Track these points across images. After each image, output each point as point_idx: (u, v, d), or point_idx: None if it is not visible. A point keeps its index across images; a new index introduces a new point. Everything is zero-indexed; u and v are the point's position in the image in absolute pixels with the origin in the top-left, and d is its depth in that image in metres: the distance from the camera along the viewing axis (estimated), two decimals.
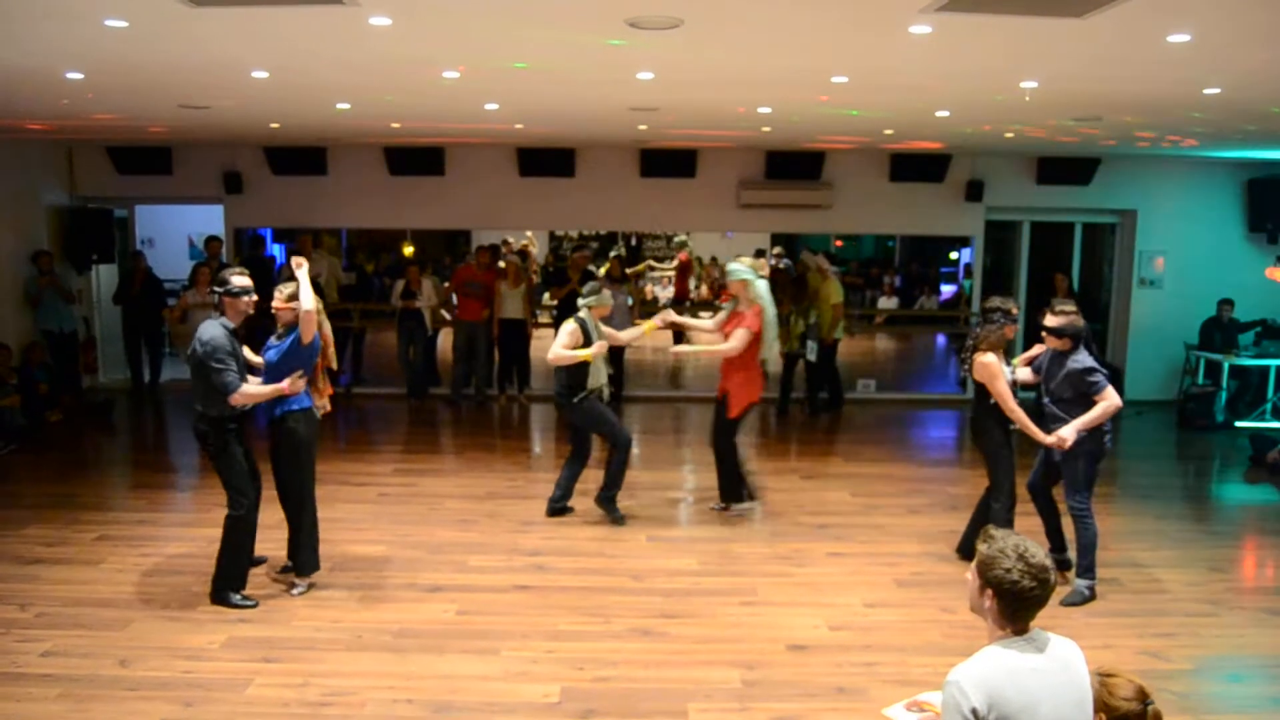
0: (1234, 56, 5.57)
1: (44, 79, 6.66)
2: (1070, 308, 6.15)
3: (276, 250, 14.29)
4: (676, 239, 14.15)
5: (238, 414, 5.75)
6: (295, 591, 5.94)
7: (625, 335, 7.99)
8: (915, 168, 12.34)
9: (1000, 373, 6.20)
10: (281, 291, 5.87)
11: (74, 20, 4.98)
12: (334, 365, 6.18)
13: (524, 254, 14.43)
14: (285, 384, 5.71)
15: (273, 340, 5.92)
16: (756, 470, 8.10)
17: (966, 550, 6.42)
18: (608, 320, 7.63)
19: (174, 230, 14.49)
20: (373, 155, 12.24)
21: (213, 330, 5.61)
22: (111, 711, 4.53)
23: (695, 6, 4.71)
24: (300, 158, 12.17)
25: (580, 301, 7.45)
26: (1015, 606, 2.69)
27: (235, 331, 5.74)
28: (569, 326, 7.28)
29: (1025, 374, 6.55)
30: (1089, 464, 6.05)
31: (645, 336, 7.88)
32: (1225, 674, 5.22)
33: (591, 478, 7.64)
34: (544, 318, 12.90)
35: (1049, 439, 6.03)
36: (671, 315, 7.89)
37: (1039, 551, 2.71)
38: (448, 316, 12.22)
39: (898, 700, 4.37)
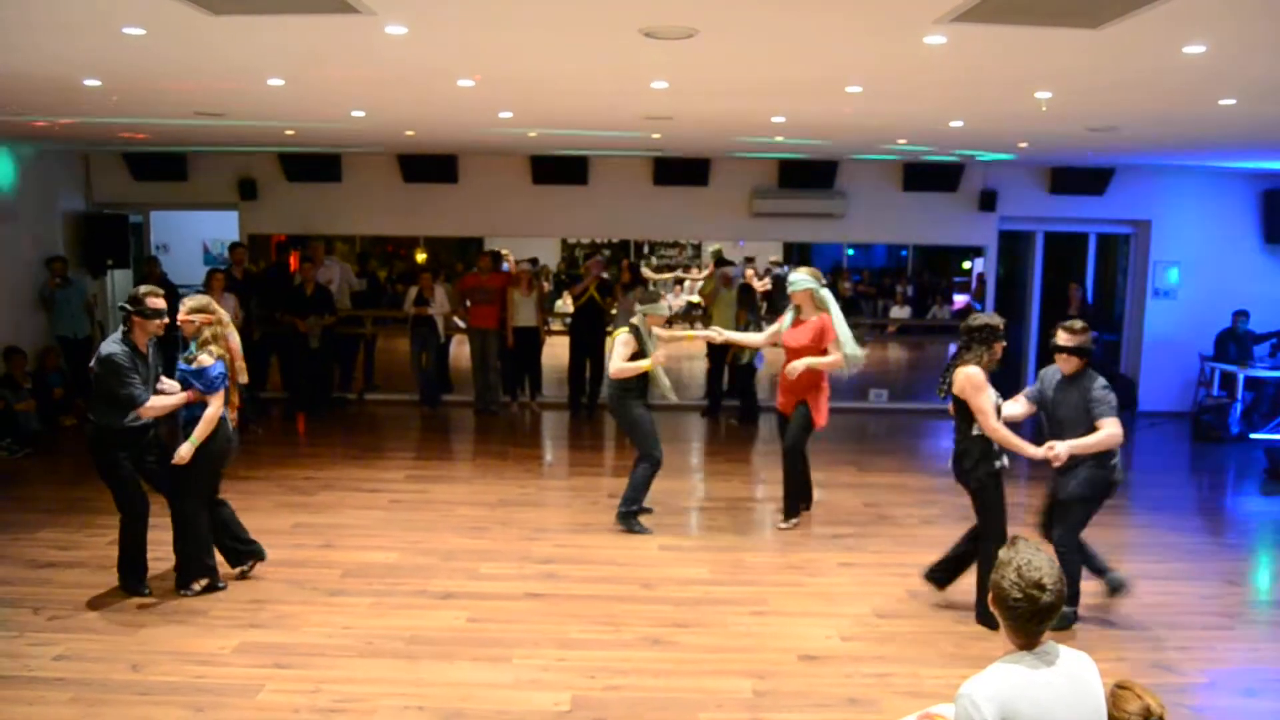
0: (1250, 68, 5.55)
1: (62, 86, 6.71)
2: (1080, 325, 5.73)
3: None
4: (710, 248, 14.15)
5: (128, 426, 5.80)
6: (185, 592, 6.01)
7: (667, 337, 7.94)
8: (928, 177, 12.33)
9: (985, 385, 5.60)
10: (185, 304, 5.96)
11: (92, 28, 5.02)
12: (243, 379, 6.22)
13: (537, 263, 14.44)
14: (188, 394, 5.86)
15: (181, 362, 6.00)
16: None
17: (935, 577, 6.20)
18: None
19: (189, 236, 14.57)
20: (387, 162, 12.29)
21: (110, 348, 5.68)
22: (123, 716, 4.54)
23: (710, 16, 4.71)
24: (315, 164, 12.23)
25: (636, 308, 7.47)
26: (1008, 618, 2.69)
27: (139, 349, 5.82)
28: (624, 337, 7.29)
29: (1018, 408, 5.99)
30: (1087, 505, 5.71)
31: (684, 342, 7.87)
32: (1240, 688, 5.17)
33: (599, 486, 7.64)
34: (556, 325, 12.90)
35: (1038, 451, 5.57)
36: (722, 334, 8.00)
37: (1043, 567, 2.68)
38: (461, 324, 12.24)
39: (910, 712, 4.33)
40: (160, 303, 5.86)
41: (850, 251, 18.14)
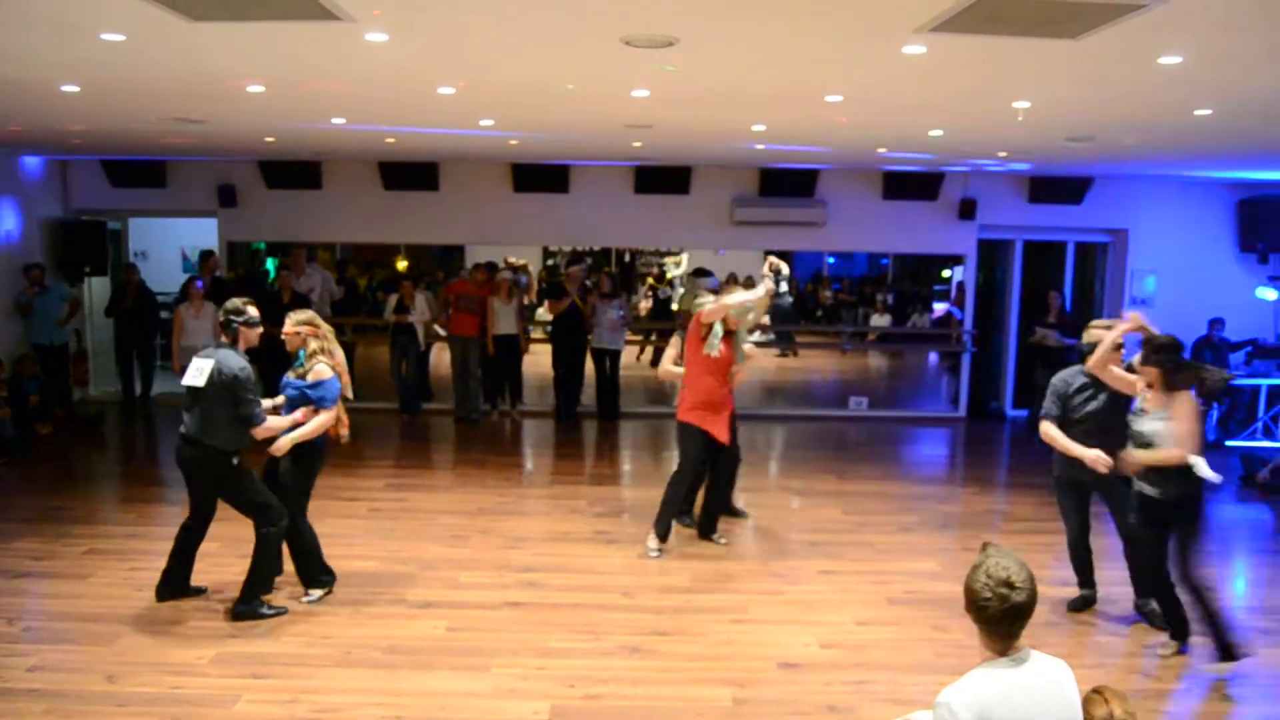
0: (1226, 78, 5.60)
1: (39, 92, 6.66)
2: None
3: (270, 264, 14.28)
4: (682, 269, 14.24)
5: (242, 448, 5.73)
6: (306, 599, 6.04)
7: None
8: (908, 186, 12.38)
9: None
10: (292, 317, 5.92)
11: (70, 33, 4.99)
12: (349, 394, 6.10)
13: (517, 269, 14.43)
14: (299, 414, 5.76)
15: (291, 377, 5.92)
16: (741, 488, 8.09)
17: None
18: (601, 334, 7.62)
19: (167, 243, 14.47)
20: (367, 169, 12.25)
21: (238, 361, 5.59)
22: None
23: (690, 25, 4.73)
24: (295, 171, 12.17)
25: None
26: (981, 620, 2.70)
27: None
28: (676, 339, 7.34)
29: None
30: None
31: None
32: (1217, 695, 5.21)
33: (579, 495, 7.61)
34: (537, 333, 12.88)
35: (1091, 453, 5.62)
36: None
37: (1011, 567, 2.68)
38: (441, 332, 12.21)
39: (889, 719, 4.36)
40: (257, 311, 5.85)
41: (831, 260, 18.21)
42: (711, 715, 4.79)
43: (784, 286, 7.23)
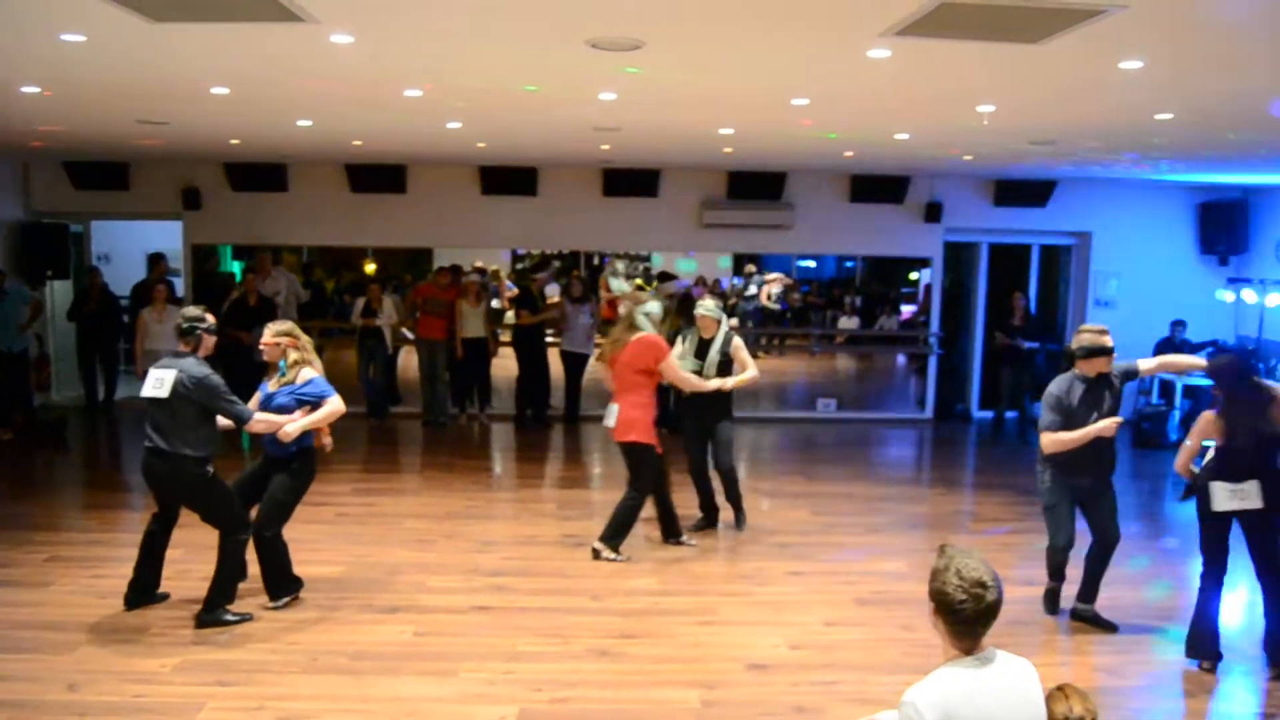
0: (1185, 83, 5.69)
1: None
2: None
3: (235, 267, 14.15)
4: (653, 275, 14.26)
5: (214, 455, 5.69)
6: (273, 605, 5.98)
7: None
8: (875, 189, 12.46)
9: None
10: (270, 328, 5.95)
11: (29, 34, 4.93)
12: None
13: (485, 273, 14.39)
14: (299, 414, 5.78)
15: (272, 387, 5.91)
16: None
17: None
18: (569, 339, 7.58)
19: (131, 246, 14.30)
20: (334, 172, 12.17)
21: (199, 369, 5.54)
22: None
23: (656, 29, 4.74)
24: (260, 174, 12.07)
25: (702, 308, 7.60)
26: (951, 621, 2.71)
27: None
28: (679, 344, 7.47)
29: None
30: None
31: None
32: (1177, 691, 5.27)
33: (547, 498, 7.60)
34: (505, 336, 12.86)
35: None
36: (728, 383, 7.49)
37: (980, 568, 2.71)
38: (409, 335, 12.16)
39: (856, 719, 4.38)
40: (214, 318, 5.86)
41: (800, 263, 18.27)
42: (680, 717, 4.78)
43: (752, 290, 7.30)
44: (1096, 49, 4.83)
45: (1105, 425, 5.71)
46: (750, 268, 16.96)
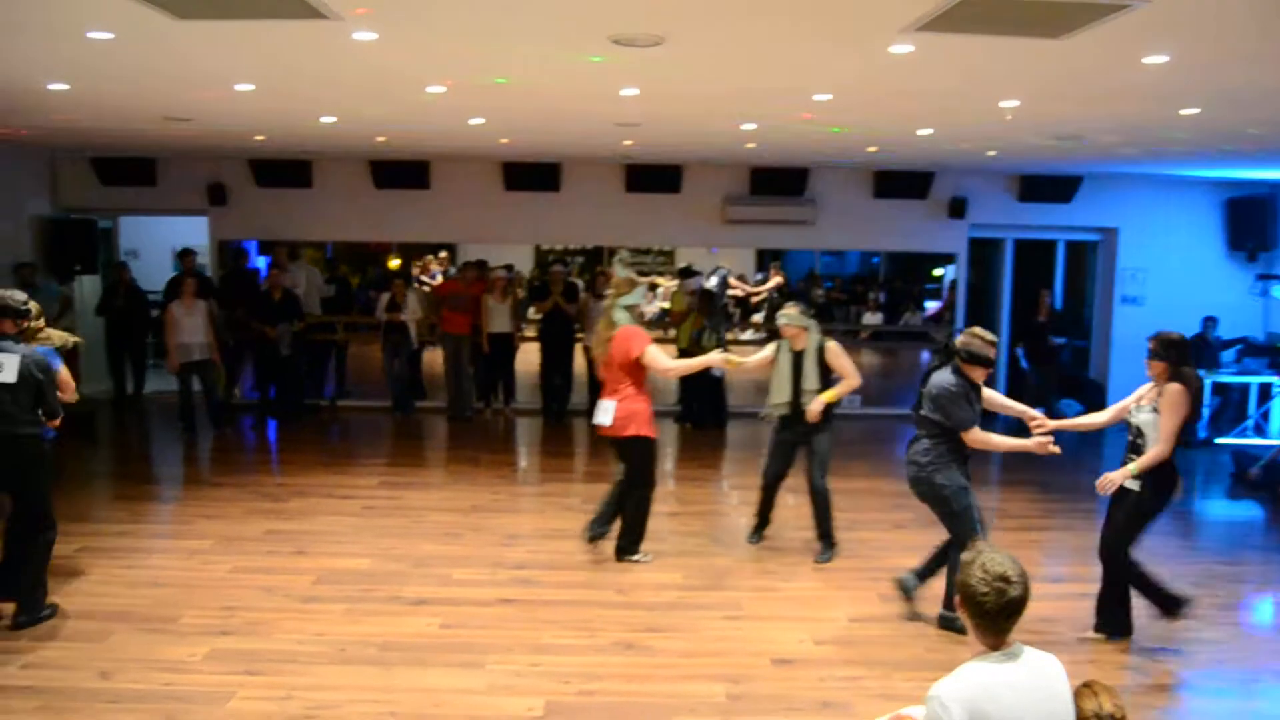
0: (1210, 78, 5.64)
1: (26, 89, 6.66)
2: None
3: (261, 262, 14.25)
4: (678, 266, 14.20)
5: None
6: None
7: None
8: (899, 184, 12.42)
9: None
10: None
11: (58, 32, 4.99)
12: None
13: (512, 269, 14.42)
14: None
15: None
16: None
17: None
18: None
19: (159, 242, 14.44)
20: (358, 168, 12.25)
21: (35, 357, 5.62)
22: None
23: (678, 24, 4.75)
24: (285, 170, 12.17)
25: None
26: (978, 616, 2.72)
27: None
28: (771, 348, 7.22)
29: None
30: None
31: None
32: (1207, 690, 5.25)
33: (572, 492, 7.60)
34: (530, 331, 12.91)
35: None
36: (734, 360, 7.12)
37: (1005, 562, 2.73)
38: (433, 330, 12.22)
39: (882, 714, 4.37)
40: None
41: (824, 258, 18.21)
42: (705, 711, 4.80)
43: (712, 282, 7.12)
44: (1120, 44, 4.80)
45: (1042, 444, 5.83)
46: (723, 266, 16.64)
